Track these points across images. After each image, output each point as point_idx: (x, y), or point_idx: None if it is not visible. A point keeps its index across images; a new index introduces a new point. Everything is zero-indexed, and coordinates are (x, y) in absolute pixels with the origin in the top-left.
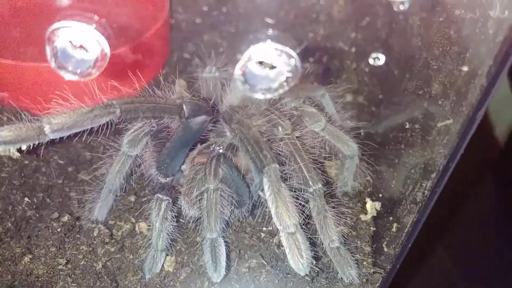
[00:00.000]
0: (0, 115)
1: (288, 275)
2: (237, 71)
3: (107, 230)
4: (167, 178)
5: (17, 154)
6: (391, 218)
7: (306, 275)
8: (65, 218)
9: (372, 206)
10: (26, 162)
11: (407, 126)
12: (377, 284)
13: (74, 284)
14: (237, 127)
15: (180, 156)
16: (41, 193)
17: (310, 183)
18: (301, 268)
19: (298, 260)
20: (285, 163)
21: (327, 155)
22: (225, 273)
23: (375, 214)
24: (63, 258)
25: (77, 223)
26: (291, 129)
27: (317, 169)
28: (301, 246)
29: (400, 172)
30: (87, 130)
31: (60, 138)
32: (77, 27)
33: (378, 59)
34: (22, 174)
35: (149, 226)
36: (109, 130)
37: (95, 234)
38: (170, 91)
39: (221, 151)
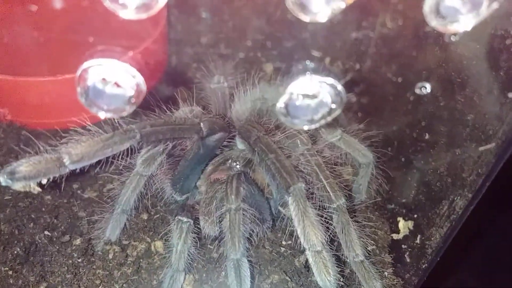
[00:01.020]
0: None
1: None
2: (280, 104)
3: (122, 251)
4: (183, 196)
5: (37, 189)
6: (418, 234)
7: None
8: (78, 241)
9: (405, 225)
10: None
11: (449, 151)
12: None
13: None
14: (256, 145)
15: (195, 173)
16: (48, 215)
17: (334, 198)
18: (327, 285)
19: (326, 277)
20: (305, 177)
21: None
22: None
23: (407, 233)
24: (80, 285)
25: (89, 245)
26: (311, 143)
27: (338, 183)
28: (328, 263)
29: (434, 189)
30: None
31: None
32: (110, 65)
33: (425, 88)
34: (27, 195)
35: (165, 244)
36: None
37: (110, 257)
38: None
39: (238, 167)
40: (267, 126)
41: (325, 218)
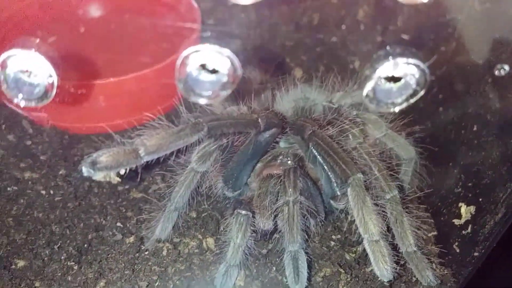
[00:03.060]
0: (41, 137)
1: (367, 281)
2: (366, 91)
3: (174, 248)
4: (234, 192)
5: (117, 179)
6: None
7: (384, 281)
8: (131, 239)
9: (467, 211)
10: (79, 183)
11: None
12: (452, 286)
13: None
14: (311, 139)
15: (247, 169)
16: (97, 215)
17: (387, 190)
18: (385, 274)
19: (383, 266)
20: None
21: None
22: (306, 285)
23: (469, 218)
24: (137, 281)
25: (142, 243)
26: (363, 137)
27: (390, 176)
28: (385, 252)
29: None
30: None
31: None
32: (208, 50)
33: (504, 69)
34: (76, 196)
35: (216, 242)
36: None
37: (164, 253)
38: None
39: (289, 162)
40: (319, 122)
41: (379, 209)
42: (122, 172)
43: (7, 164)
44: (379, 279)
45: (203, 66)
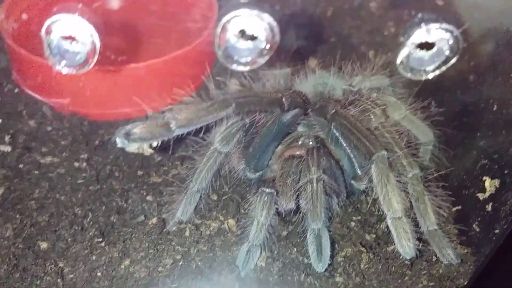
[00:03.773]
0: (61, 123)
1: (389, 260)
2: (400, 58)
3: (197, 229)
4: (256, 173)
5: (149, 151)
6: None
7: (406, 259)
8: (154, 220)
9: (491, 184)
10: (100, 167)
11: None
12: (473, 264)
13: (174, 285)
14: (334, 118)
15: (269, 150)
16: (118, 198)
17: (408, 168)
18: (408, 252)
19: (406, 243)
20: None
21: None
22: (329, 262)
23: (493, 192)
24: (161, 260)
25: (164, 224)
26: (385, 117)
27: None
28: (408, 229)
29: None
30: None
31: None
32: (247, 16)
33: None
34: (98, 180)
35: (238, 223)
36: None
37: (187, 234)
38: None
39: (311, 143)
40: (341, 103)
41: (402, 187)
42: (155, 144)
43: (29, 148)
44: (400, 257)
45: (242, 32)
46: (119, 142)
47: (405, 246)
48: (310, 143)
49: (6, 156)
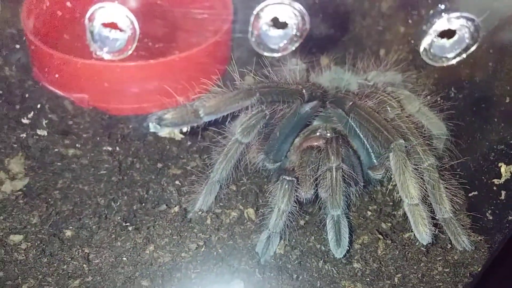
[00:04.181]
0: (83, 117)
1: (405, 247)
2: (423, 46)
3: (217, 218)
4: (275, 164)
5: (180, 136)
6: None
7: (421, 246)
8: (176, 208)
9: (507, 170)
10: (122, 158)
11: None
12: (486, 251)
13: (196, 270)
14: (352, 109)
15: (288, 141)
16: (140, 188)
17: (424, 157)
18: (424, 237)
19: (423, 229)
20: None
21: None
22: (347, 248)
23: (509, 177)
24: (184, 246)
25: (185, 213)
26: (401, 109)
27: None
28: (424, 216)
29: None
30: None
31: None
32: (279, 3)
33: None
34: (120, 170)
35: (257, 212)
36: None
37: (208, 222)
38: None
39: (328, 135)
40: (358, 96)
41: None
42: (184, 129)
43: (52, 141)
44: (416, 244)
45: (273, 20)
46: (152, 127)
47: (422, 232)
48: (328, 134)
49: (30, 148)
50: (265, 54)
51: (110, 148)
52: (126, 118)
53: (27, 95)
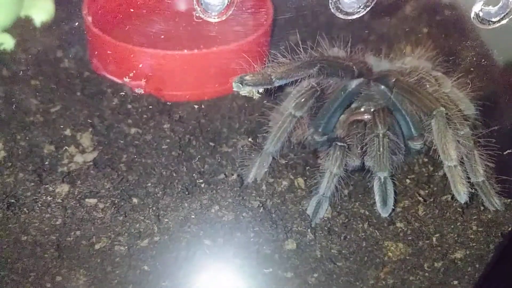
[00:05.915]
0: (141, 102)
1: (443, 207)
2: (474, 11)
3: (270, 185)
4: (323, 137)
5: (258, 95)
6: None
7: (459, 207)
8: (234, 176)
9: None
10: (180, 136)
11: None
12: None
13: (255, 229)
14: (396, 84)
15: (336, 116)
16: (199, 162)
17: (460, 127)
18: (462, 196)
19: (461, 188)
20: None
21: None
22: (392, 208)
23: None
24: (245, 207)
25: (243, 181)
26: (438, 85)
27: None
28: (462, 176)
29: None
30: None
31: None
32: None
33: None
34: (180, 146)
35: (306, 182)
36: None
37: (264, 188)
38: None
39: (373, 109)
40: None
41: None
42: (261, 90)
43: (116, 120)
44: (453, 205)
45: None
46: (235, 86)
47: (460, 191)
48: (372, 109)
49: (96, 126)
50: (341, 17)
51: (169, 126)
52: (180, 104)
53: (88, 84)
